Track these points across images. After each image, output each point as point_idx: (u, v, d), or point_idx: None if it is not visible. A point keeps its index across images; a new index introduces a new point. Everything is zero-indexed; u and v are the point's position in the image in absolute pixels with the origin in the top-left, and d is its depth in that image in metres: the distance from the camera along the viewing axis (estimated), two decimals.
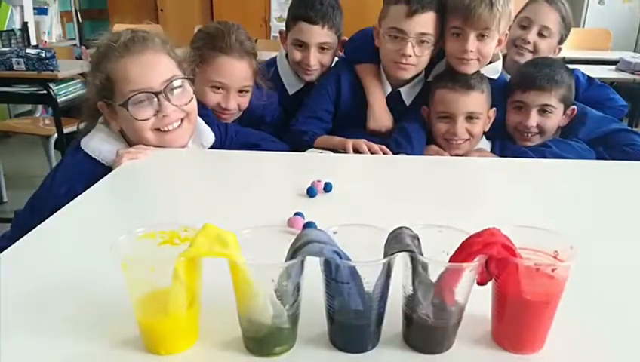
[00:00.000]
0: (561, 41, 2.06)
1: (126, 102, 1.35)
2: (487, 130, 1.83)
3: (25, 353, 0.66)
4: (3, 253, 0.88)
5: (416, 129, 1.81)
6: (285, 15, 2.08)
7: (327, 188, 1.19)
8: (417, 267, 0.62)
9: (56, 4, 5.47)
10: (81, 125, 1.53)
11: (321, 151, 1.74)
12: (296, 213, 1.02)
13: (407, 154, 1.70)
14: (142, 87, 1.36)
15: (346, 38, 2.03)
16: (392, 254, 0.62)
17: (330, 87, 1.93)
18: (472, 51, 1.71)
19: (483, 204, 1.22)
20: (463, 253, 0.62)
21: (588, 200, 1.23)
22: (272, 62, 2.10)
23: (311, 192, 1.16)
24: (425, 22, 1.72)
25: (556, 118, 1.82)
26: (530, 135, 1.83)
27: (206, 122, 1.60)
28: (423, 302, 0.63)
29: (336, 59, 2.04)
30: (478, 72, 1.78)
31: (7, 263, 0.85)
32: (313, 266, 0.64)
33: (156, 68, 1.39)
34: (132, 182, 1.28)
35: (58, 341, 0.67)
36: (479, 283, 0.66)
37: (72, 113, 2.88)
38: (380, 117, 1.87)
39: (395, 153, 1.67)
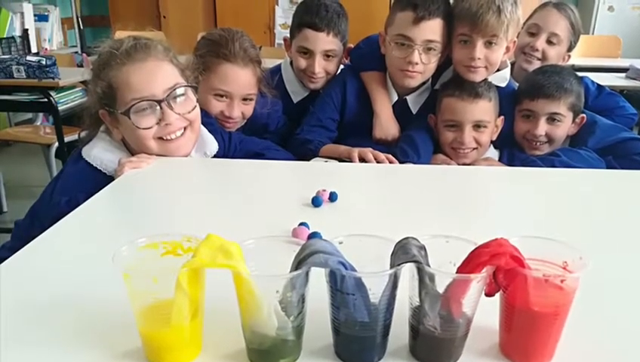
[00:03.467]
0: (570, 49, 2.05)
1: (128, 110, 1.35)
2: (494, 138, 1.82)
3: None
4: (3, 263, 0.87)
5: (422, 137, 1.80)
6: (290, 22, 2.08)
7: (333, 197, 1.18)
8: (424, 278, 0.62)
9: (57, 10, 5.45)
10: (83, 134, 1.52)
11: (326, 160, 1.73)
12: (301, 223, 1.01)
13: (414, 163, 1.69)
14: (144, 95, 1.35)
15: (352, 46, 2.02)
16: (399, 265, 0.62)
17: (335, 95, 1.92)
18: (479, 59, 1.70)
19: (491, 214, 1.21)
20: (470, 264, 0.62)
21: (597, 210, 1.22)
22: (277, 69, 2.09)
23: (316, 202, 1.15)
24: (432, 29, 1.71)
25: (565, 127, 1.81)
26: (538, 144, 1.81)
27: (209, 131, 1.59)
28: (429, 314, 0.63)
29: (341, 66, 2.04)
30: (485, 79, 1.77)
31: (7, 274, 0.85)
32: (318, 277, 0.63)
33: (159, 75, 1.38)
34: (134, 192, 1.28)
35: (59, 352, 0.67)
36: (487, 295, 0.65)
37: (73, 121, 2.85)
38: (386, 125, 1.86)
39: (401, 162, 1.66)
